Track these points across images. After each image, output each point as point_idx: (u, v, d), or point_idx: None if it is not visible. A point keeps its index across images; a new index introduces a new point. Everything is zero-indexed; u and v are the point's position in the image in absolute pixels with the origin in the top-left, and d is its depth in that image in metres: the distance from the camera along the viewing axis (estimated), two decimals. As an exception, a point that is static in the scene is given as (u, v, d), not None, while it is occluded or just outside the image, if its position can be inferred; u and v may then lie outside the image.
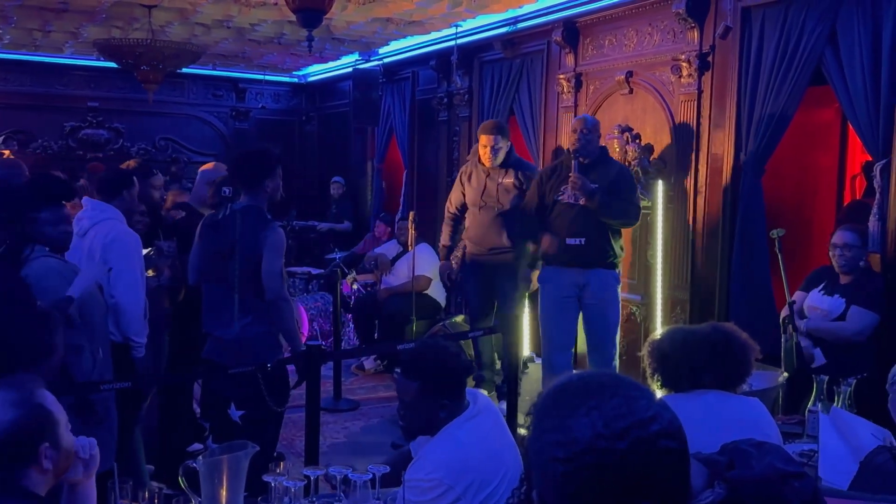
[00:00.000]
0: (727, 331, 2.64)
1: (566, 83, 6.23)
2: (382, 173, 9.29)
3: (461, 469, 2.34)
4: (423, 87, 8.20)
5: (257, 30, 7.12)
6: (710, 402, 2.53)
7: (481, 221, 5.39)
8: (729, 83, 4.96)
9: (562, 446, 0.93)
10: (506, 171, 5.31)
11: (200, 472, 2.10)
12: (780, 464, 2.03)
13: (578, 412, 0.95)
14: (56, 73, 9.48)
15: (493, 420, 2.58)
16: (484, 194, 5.35)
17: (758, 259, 4.75)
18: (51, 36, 7.64)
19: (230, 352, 3.57)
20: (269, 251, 3.45)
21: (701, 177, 5.17)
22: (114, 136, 9.84)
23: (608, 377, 1.01)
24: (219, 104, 10.44)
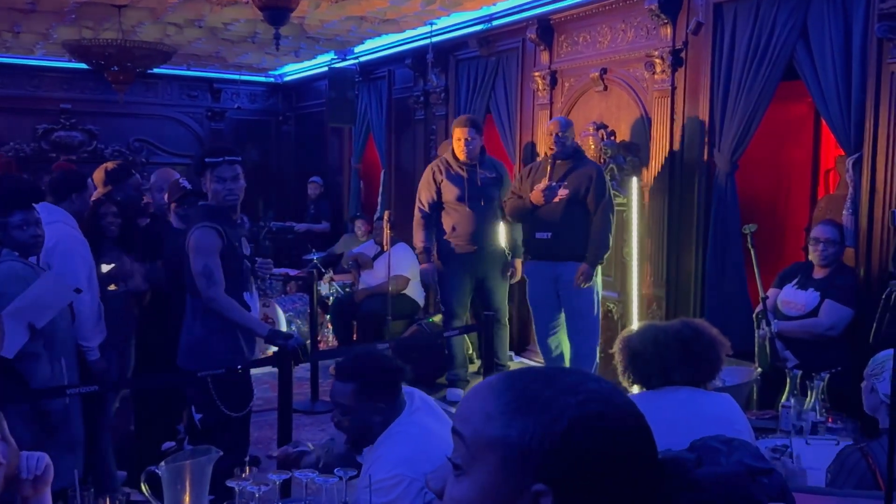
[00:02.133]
0: (697, 327, 2.63)
1: (541, 80, 6.22)
2: (360, 173, 9.26)
3: (419, 460, 2.33)
4: (400, 85, 8.18)
5: (230, 29, 7.06)
6: (682, 399, 2.52)
7: (469, 216, 5.35)
8: (702, 79, 4.96)
9: (571, 394, 0.91)
10: (481, 165, 5.33)
11: (163, 478, 2.06)
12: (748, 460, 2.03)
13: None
14: (27, 75, 9.37)
15: (434, 413, 2.61)
16: (470, 188, 5.33)
17: (731, 254, 4.77)
18: (20, 37, 7.54)
19: (181, 355, 3.60)
20: (191, 252, 3.45)
21: (675, 173, 5.17)
22: (87, 138, 9.73)
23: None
24: (194, 105, 10.35)
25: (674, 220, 5.20)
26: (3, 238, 3.11)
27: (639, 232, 5.36)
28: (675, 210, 5.19)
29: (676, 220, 5.18)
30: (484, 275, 5.44)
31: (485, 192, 5.35)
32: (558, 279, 5.07)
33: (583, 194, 4.95)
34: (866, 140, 4.09)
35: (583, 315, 5.09)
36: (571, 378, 0.94)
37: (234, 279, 3.50)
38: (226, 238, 3.47)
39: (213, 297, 3.40)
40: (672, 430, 2.16)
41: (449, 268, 5.46)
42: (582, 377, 0.94)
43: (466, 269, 5.42)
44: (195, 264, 3.42)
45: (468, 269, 5.42)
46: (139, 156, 9.84)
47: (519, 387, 0.94)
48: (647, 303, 5.32)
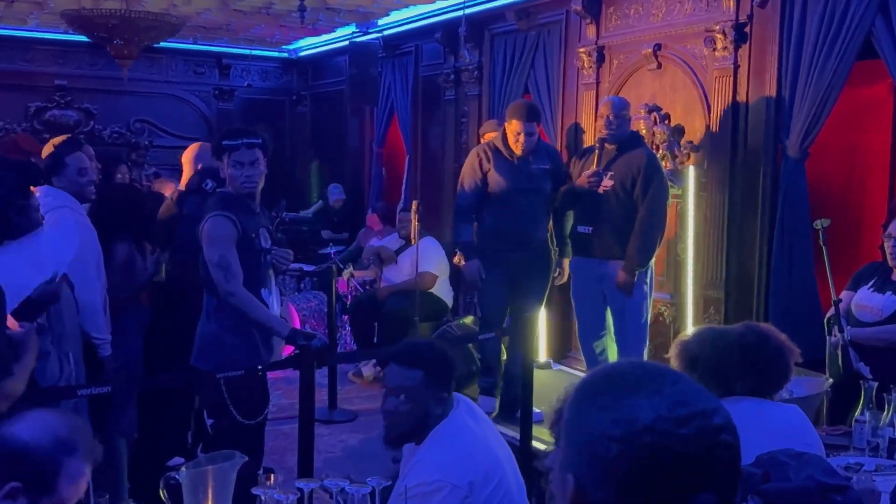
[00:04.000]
0: (762, 331, 2.66)
1: (587, 58, 6.24)
2: (382, 159, 9.33)
3: (462, 466, 2.41)
4: (428, 62, 8.23)
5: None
6: (745, 410, 2.55)
7: (517, 211, 5.22)
8: (768, 57, 4.97)
9: (618, 424, 0.97)
10: (534, 154, 5.19)
11: (184, 485, 2.14)
12: (820, 476, 2.07)
13: (639, 394, 0.99)
14: (19, 48, 9.51)
15: (477, 417, 2.68)
16: (521, 180, 5.18)
17: (800, 253, 4.78)
18: (13, 6, 7.68)
19: (195, 355, 3.67)
20: (204, 242, 3.53)
21: (737, 161, 5.19)
22: (84, 117, 9.88)
23: (666, 367, 1.06)
24: (200, 82, 10.48)
25: (735, 214, 5.21)
26: (19, 222, 3.20)
27: (695, 226, 5.37)
28: (737, 202, 5.20)
29: (738, 214, 5.20)
30: (525, 275, 5.34)
31: (536, 185, 5.20)
32: (603, 278, 5.07)
33: (630, 185, 4.93)
34: (954, 126, 4.09)
35: (628, 318, 5.08)
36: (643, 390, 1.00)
37: (251, 273, 3.56)
38: (241, 228, 3.55)
39: (232, 291, 3.47)
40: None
41: (488, 268, 5.29)
42: (659, 384, 1.01)
43: (508, 269, 5.29)
44: (210, 255, 3.49)
45: (510, 270, 5.29)
46: (141, 138, 9.98)
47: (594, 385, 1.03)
48: (704, 305, 5.34)
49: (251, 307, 3.52)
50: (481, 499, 2.39)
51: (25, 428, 1.74)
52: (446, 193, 7.88)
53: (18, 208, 3.20)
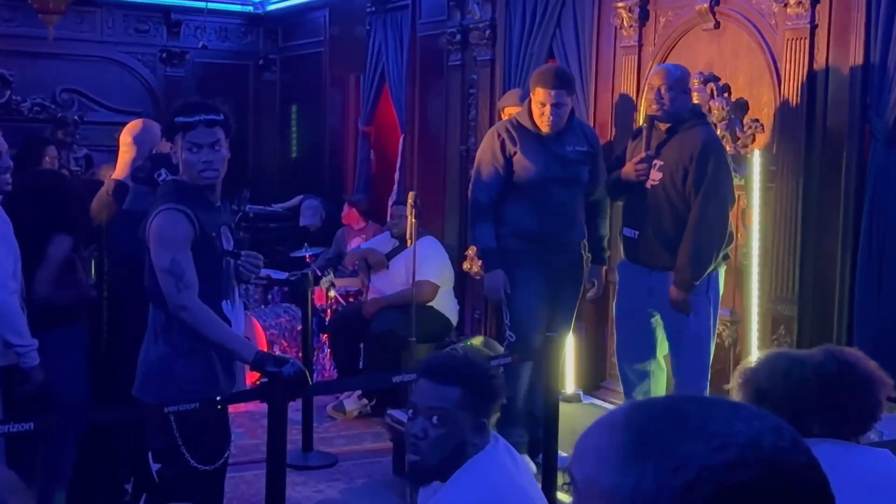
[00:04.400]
0: (846, 359, 2.67)
1: (627, 14, 6.26)
2: (370, 139, 9.37)
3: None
4: (428, 19, 8.25)
5: (198, -61, 7.19)
6: (825, 456, 2.55)
7: (550, 204, 5.21)
8: (854, 15, 4.98)
9: (722, 449, 0.95)
10: (567, 133, 5.21)
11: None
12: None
13: (740, 413, 1.00)
14: (-80, 1, 9.59)
15: (515, 458, 2.74)
16: (554, 166, 5.18)
17: (893, 260, 4.79)
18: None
19: (138, 383, 3.69)
20: (152, 243, 3.56)
21: (815, 145, 5.20)
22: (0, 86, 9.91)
23: (732, 402, 1.07)
24: (144, 43, 10.54)
25: (811, 211, 5.22)
26: None
27: (761, 227, 5.39)
28: (814, 196, 5.21)
29: (815, 211, 5.21)
30: (559, 286, 5.33)
31: (573, 173, 5.23)
32: (653, 292, 5.06)
33: (682, 175, 4.92)
34: None
35: (685, 345, 5.05)
36: (714, 413, 1.01)
37: (209, 283, 3.59)
38: (199, 226, 3.57)
39: (185, 305, 3.49)
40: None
41: (517, 276, 5.21)
42: (729, 413, 1.00)
43: (542, 276, 5.24)
44: (159, 259, 3.51)
45: (544, 278, 5.24)
46: (69, 111, 9.99)
47: (641, 423, 1.02)
48: (773, 325, 5.35)
49: (209, 325, 3.53)
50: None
51: None
52: (450, 182, 7.90)
53: None
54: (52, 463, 4.01)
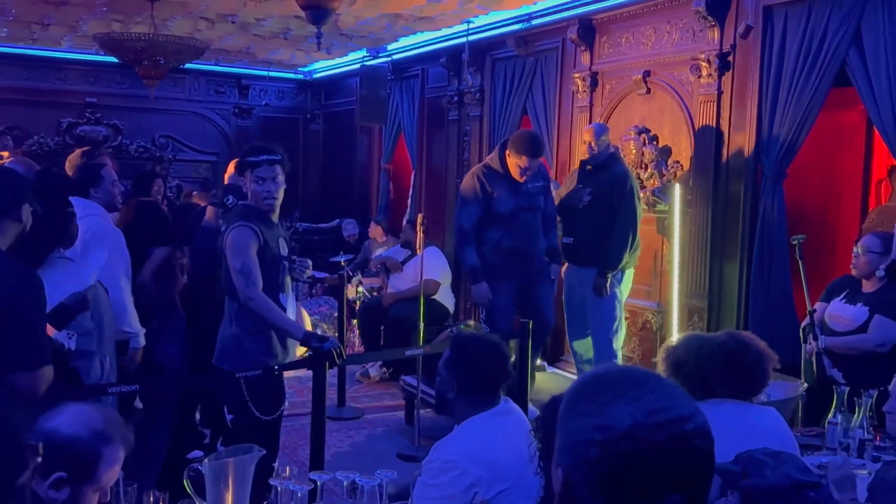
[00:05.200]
0: (744, 340, 2.67)
1: (581, 82, 6.28)
2: (390, 174, 9.37)
3: (479, 457, 2.42)
4: (433, 84, 8.28)
5: (263, 25, 7.20)
6: (726, 412, 2.57)
7: (519, 228, 5.26)
8: (750, 84, 5.01)
9: (600, 430, 0.99)
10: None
11: (206, 476, 2.16)
12: (795, 473, 2.09)
13: (619, 400, 1.01)
14: (53, 68, 9.56)
15: (521, 426, 2.64)
16: (521, 199, 5.24)
17: (778, 266, 4.81)
18: (49, 29, 7.73)
19: (217, 356, 3.70)
20: (228, 251, 3.55)
21: (720, 180, 5.22)
22: (112, 132, 9.92)
23: (649, 374, 1.08)
24: (221, 101, 10.52)
25: (717, 229, 5.24)
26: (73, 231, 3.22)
27: (681, 240, 5.40)
28: (720, 218, 5.23)
29: (720, 229, 5.23)
30: (533, 287, 5.42)
31: (534, 203, 5.30)
32: (582, 282, 5.33)
33: (605, 200, 5.16)
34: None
35: (600, 317, 5.32)
36: (607, 397, 1.03)
37: (270, 280, 3.59)
38: (262, 238, 3.58)
39: (251, 297, 3.49)
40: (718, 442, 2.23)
41: (497, 284, 5.30)
42: (620, 397, 1.02)
43: (515, 283, 5.36)
44: (233, 262, 3.52)
45: (516, 284, 5.36)
46: (165, 152, 10.01)
47: (570, 396, 1.08)
48: (689, 314, 5.36)
49: (269, 312, 3.54)
50: (490, 494, 2.40)
51: (66, 421, 1.78)
52: (449, 206, 7.91)
53: (71, 217, 3.24)
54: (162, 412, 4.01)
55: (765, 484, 2.01)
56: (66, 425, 1.77)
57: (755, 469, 2.06)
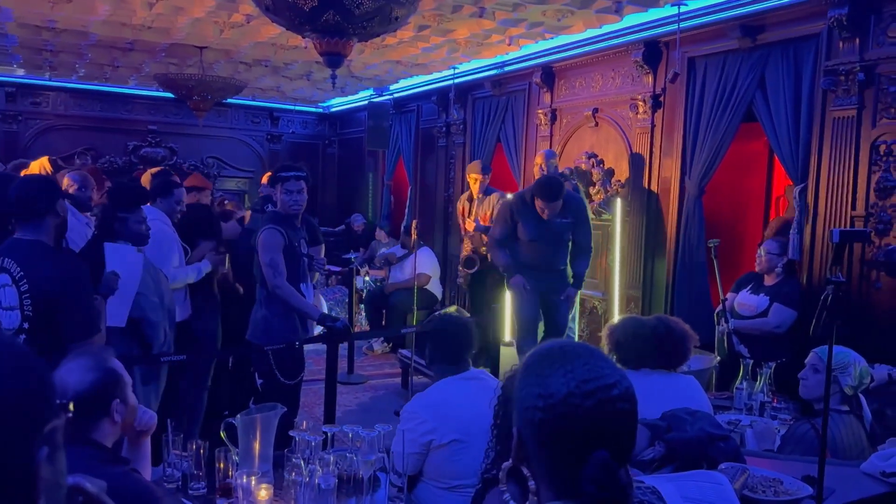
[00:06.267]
0: (670, 324, 2.69)
1: (543, 117, 6.28)
2: (391, 188, 9.34)
3: (436, 410, 2.41)
4: (426, 117, 8.25)
5: (290, 68, 7.16)
6: (655, 380, 2.58)
7: (540, 252, 4.74)
8: (676, 119, 5.01)
9: (542, 398, 0.99)
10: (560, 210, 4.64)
11: (238, 428, 2.14)
12: (709, 428, 2.09)
13: (558, 372, 1.00)
14: (121, 101, 9.50)
15: (486, 391, 2.59)
16: (545, 232, 4.68)
17: (697, 264, 4.81)
18: (118, 70, 7.67)
19: (250, 332, 3.69)
20: (259, 248, 3.56)
21: (652, 196, 5.22)
22: (169, 153, 9.84)
23: (584, 348, 1.06)
24: (256, 129, 10.44)
25: (650, 235, 5.24)
26: (120, 230, 3.18)
27: (621, 243, 5.40)
28: (652, 226, 5.23)
29: (653, 235, 5.23)
30: (552, 293, 4.85)
31: (559, 236, 4.71)
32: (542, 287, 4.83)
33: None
34: (811, 173, 4.14)
35: (565, 313, 5.09)
36: (552, 370, 1.02)
37: (292, 272, 3.58)
38: (287, 238, 3.56)
39: (278, 286, 3.48)
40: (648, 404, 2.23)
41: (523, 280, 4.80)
42: (560, 370, 1.00)
43: (537, 289, 4.81)
44: (263, 257, 3.50)
45: (538, 290, 4.81)
46: (211, 170, 9.94)
47: (523, 368, 1.06)
48: (627, 302, 5.37)
49: (292, 297, 3.53)
50: (443, 440, 2.39)
51: (88, 365, 1.77)
52: (437, 214, 7.90)
53: (120, 220, 3.20)
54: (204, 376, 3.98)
55: (685, 436, 2.01)
56: (95, 365, 1.77)
57: (677, 425, 2.07)
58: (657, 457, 1.95)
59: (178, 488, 2.17)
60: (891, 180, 3.77)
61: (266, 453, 2.18)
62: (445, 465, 2.40)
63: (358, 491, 2.05)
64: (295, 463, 2.13)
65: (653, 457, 1.94)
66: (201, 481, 2.17)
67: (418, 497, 2.45)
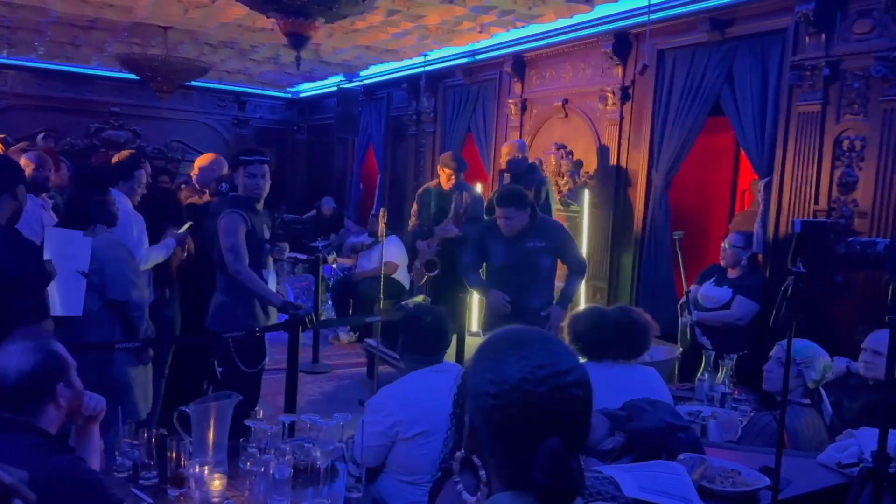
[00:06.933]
0: (632, 315, 2.68)
1: (514, 107, 6.25)
2: (361, 176, 9.25)
3: (403, 403, 2.38)
4: (397, 105, 8.18)
5: (257, 51, 7.03)
6: (616, 371, 2.57)
7: (510, 282, 4.10)
8: (645, 111, 5.02)
9: (494, 384, 0.96)
10: (528, 232, 4.04)
11: (192, 417, 2.09)
12: (668, 418, 2.10)
13: (511, 358, 0.97)
14: (84, 82, 9.27)
15: (450, 383, 2.58)
16: (514, 256, 4.09)
17: (662, 255, 4.83)
18: (80, 49, 7.46)
19: (209, 319, 3.62)
20: (220, 232, 3.48)
21: (619, 188, 5.24)
22: (132, 136, 9.64)
23: (539, 333, 1.03)
24: (223, 113, 10.28)
25: (617, 226, 5.26)
26: (98, 213, 3.11)
27: (588, 234, 5.41)
28: (619, 217, 5.25)
29: (619, 226, 5.25)
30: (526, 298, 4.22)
31: (531, 262, 4.06)
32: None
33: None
34: (776, 167, 4.18)
35: None
36: (505, 356, 0.99)
37: (254, 257, 3.51)
38: (249, 223, 3.49)
39: (238, 270, 3.41)
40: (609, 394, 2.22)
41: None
42: (515, 357, 0.98)
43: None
44: (224, 242, 3.43)
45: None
46: (175, 153, 9.76)
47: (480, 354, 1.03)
48: (593, 292, 5.38)
49: (253, 283, 3.46)
50: (409, 433, 2.36)
51: (29, 348, 1.72)
52: (407, 202, 7.83)
53: (98, 203, 3.12)
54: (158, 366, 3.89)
55: (645, 426, 2.01)
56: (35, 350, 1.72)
57: (637, 414, 2.06)
58: (617, 446, 1.94)
59: (128, 478, 2.10)
60: (853, 175, 3.82)
61: (221, 442, 2.13)
62: (410, 457, 2.37)
63: (315, 481, 2.01)
64: (250, 453, 2.09)
65: (612, 447, 1.94)
66: (152, 470, 2.11)
67: (380, 489, 2.42)
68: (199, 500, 1.95)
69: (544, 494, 0.91)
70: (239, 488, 2.03)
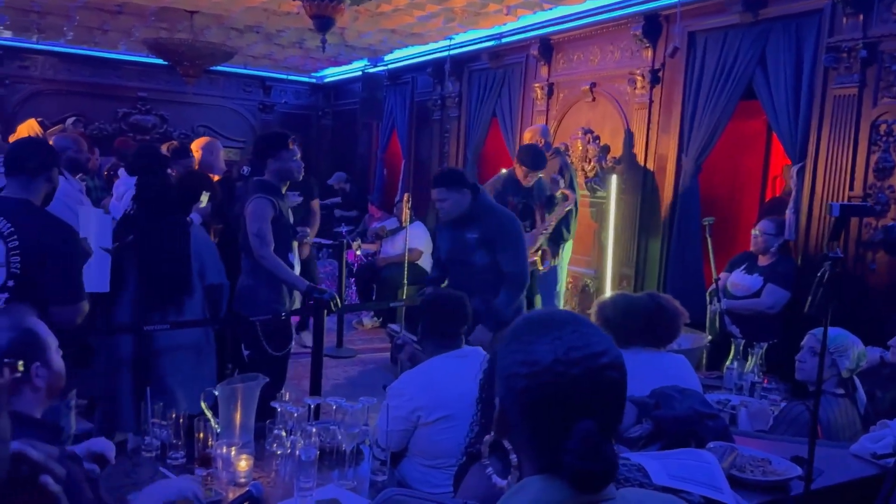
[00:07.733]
0: (661, 302, 2.65)
1: (540, 91, 6.20)
2: (385, 162, 9.25)
3: (425, 388, 2.39)
4: (421, 90, 8.14)
5: (282, 35, 7.03)
6: (644, 357, 2.55)
7: (453, 280, 3.72)
8: (675, 95, 4.95)
9: (525, 365, 0.94)
10: (469, 222, 3.62)
11: (219, 398, 2.11)
12: (697, 406, 2.07)
13: (543, 339, 0.95)
14: (112, 67, 9.33)
15: (477, 368, 2.55)
16: (456, 248, 3.68)
17: (692, 242, 4.78)
18: (108, 34, 7.53)
19: (236, 302, 3.63)
20: (248, 217, 3.48)
21: (648, 173, 5.17)
22: (159, 121, 9.72)
23: (570, 315, 1.02)
24: (248, 98, 10.30)
25: (645, 212, 5.20)
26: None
27: (615, 220, 5.36)
28: (647, 203, 5.19)
29: (647, 212, 5.19)
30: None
31: (466, 256, 3.62)
32: None
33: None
34: (810, 152, 4.09)
35: (545, 286, 5.15)
36: (537, 336, 0.97)
37: (281, 242, 3.52)
38: (277, 208, 3.50)
39: (264, 255, 3.43)
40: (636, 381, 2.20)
41: None
42: (546, 337, 0.96)
43: None
44: (251, 227, 3.44)
45: None
46: (202, 138, 9.83)
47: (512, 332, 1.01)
48: (619, 280, 5.34)
49: (278, 268, 3.48)
50: (430, 418, 2.36)
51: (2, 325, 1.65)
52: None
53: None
54: None
55: (673, 414, 1.98)
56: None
57: (666, 402, 2.04)
58: (644, 434, 1.92)
59: (156, 457, 2.13)
60: (890, 161, 3.73)
61: (247, 424, 2.15)
62: (432, 442, 2.38)
63: (340, 463, 2.03)
64: (276, 434, 2.10)
65: (640, 434, 1.92)
66: (180, 450, 2.13)
67: (403, 473, 2.43)
68: (226, 480, 1.97)
69: (577, 478, 0.90)
70: (265, 469, 2.05)
